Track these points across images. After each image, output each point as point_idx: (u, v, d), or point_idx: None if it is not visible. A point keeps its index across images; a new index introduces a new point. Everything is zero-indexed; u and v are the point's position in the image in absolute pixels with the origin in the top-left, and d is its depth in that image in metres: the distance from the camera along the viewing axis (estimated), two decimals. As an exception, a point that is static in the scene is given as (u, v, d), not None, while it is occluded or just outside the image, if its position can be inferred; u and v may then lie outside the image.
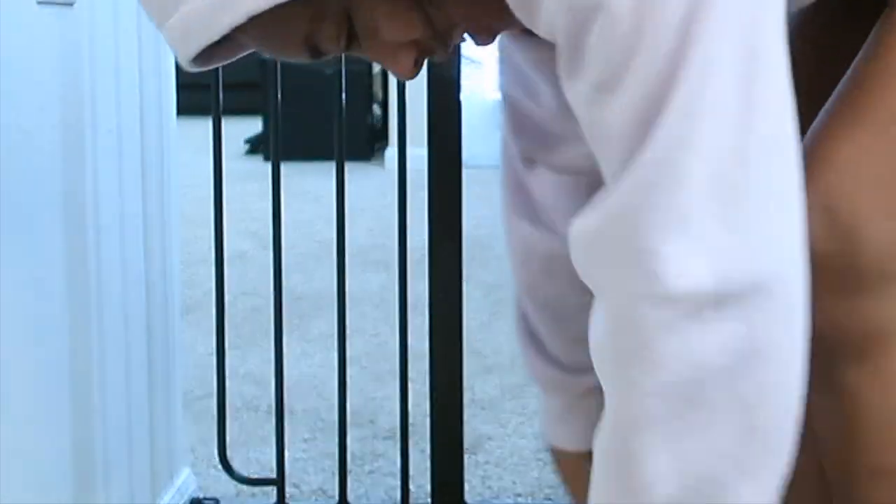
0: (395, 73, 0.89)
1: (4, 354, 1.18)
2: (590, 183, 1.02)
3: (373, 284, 3.20)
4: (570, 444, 1.24)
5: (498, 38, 0.94)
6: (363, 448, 2.07)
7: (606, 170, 0.78)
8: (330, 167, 1.79)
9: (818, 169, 0.89)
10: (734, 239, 0.73)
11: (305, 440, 2.10)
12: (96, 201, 1.41)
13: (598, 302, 0.80)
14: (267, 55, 0.93)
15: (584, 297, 0.86)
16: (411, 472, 1.78)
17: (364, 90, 5.67)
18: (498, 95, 1.19)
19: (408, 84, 1.65)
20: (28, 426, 1.25)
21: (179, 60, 0.87)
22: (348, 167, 1.75)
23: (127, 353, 1.52)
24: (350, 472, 1.87)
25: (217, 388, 1.74)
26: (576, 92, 0.78)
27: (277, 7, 0.79)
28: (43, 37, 1.26)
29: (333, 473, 1.92)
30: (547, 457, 2.04)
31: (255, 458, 2.03)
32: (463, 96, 1.67)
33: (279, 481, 1.74)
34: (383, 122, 6.03)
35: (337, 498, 1.76)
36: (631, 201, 0.74)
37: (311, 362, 2.55)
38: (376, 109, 6.09)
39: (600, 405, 0.81)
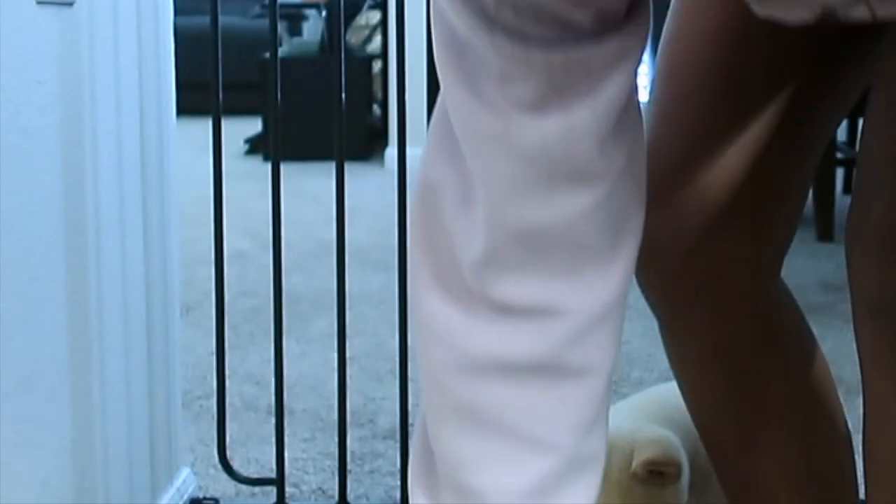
0: None
1: (4, 354, 1.18)
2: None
3: (373, 284, 3.20)
4: None
5: None
6: (363, 448, 2.07)
7: None
8: (330, 167, 1.79)
9: None
10: None
11: (305, 440, 2.10)
12: (96, 201, 1.41)
13: None
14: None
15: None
16: (411, 471, 1.78)
17: (364, 90, 5.66)
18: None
19: (408, 84, 1.65)
20: (28, 426, 1.25)
21: None
22: (348, 167, 1.75)
23: (127, 353, 1.52)
24: (350, 472, 1.87)
25: (217, 388, 1.74)
26: None
27: None
28: (42, 37, 1.26)
29: (333, 473, 1.92)
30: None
31: (255, 458, 2.03)
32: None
33: (279, 481, 1.74)
34: (383, 122, 6.03)
35: (337, 498, 1.76)
36: None
37: (310, 362, 2.55)
38: (376, 109, 6.09)
39: None
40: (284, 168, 1.74)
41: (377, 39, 6.28)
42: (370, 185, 4.78)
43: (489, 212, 0.83)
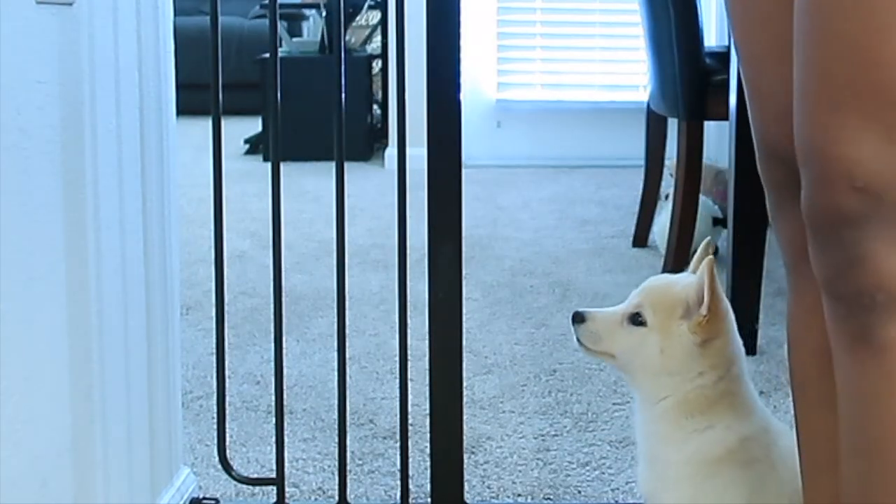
0: None
1: (4, 354, 1.18)
2: None
3: (372, 284, 3.20)
4: None
5: None
6: (363, 448, 2.07)
7: None
8: (330, 167, 1.79)
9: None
10: None
11: (305, 440, 2.10)
12: (96, 201, 1.41)
13: None
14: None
15: None
16: (411, 472, 1.78)
17: (364, 90, 5.66)
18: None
19: (407, 84, 1.65)
20: (28, 426, 1.25)
21: None
22: (348, 167, 1.75)
23: (127, 353, 1.52)
24: (350, 471, 1.87)
25: (217, 388, 1.74)
26: None
27: None
28: (42, 36, 1.26)
29: (333, 473, 1.92)
30: (546, 456, 2.05)
31: (254, 457, 2.03)
32: (463, 96, 1.67)
33: (279, 481, 1.74)
34: (383, 122, 6.03)
35: (337, 498, 1.76)
36: None
37: (310, 362, 2.55)
38: (376, 109, 6.09)
39: None
40: (284, 168, 1.74)
41: (377, 39, 6.29)
42: (370, 185, 4.78)
43: None
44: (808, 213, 0.97)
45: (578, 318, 1.42)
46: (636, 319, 1.37)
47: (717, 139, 4.48)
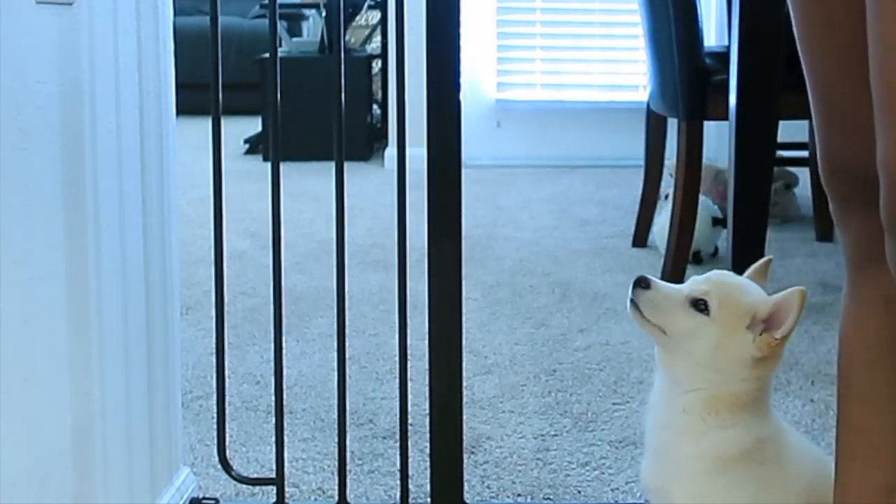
0: None
1: (4, 354, 1.18)
2: None
3: (372, 284, 3.20)
4: None
5: None
6: (363, 448, 2.07)
7: None
8: (330, 167, 1.79)
9: None
10: None
11: (305, 440, 2.10)
12: (96, 201, 1.41)
13: None
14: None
15: None
16: (411, 471, 1.78)
17: (364, 90, 5.66)
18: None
19: (407, 84, 1.66)
20: (27, 426, 1.25)
21: None
22: (348, 167, 1.75)
23: (126, 353, 1.52)
24: (349, 471, 1.87)
25: (217, 388, 1.74)
26: None
27: None
28: (42, 36, 1.26)
29: (333, 473, 1.92)
30: (546, 456, 2.05)
31: (254, 457, 2.03)
32: (463, 96, 1.67)
33: (279, 481, 1.75)
34: (383, 122, 6.03)
35: (336, 498, 1.76)
36: None
37: (310, 362, 2.55)
38: (376, 109, 6.09)
39: None
40: (284, 168, 1.74)
41: (377, 39, 6.29)
42: (370, 185, 4.78)
43: None
44: (882, 215, 1.02)
45: (644, 284, 1.36)
46: (699, 305, 1.34)
47: (717, 139, 4.48)
